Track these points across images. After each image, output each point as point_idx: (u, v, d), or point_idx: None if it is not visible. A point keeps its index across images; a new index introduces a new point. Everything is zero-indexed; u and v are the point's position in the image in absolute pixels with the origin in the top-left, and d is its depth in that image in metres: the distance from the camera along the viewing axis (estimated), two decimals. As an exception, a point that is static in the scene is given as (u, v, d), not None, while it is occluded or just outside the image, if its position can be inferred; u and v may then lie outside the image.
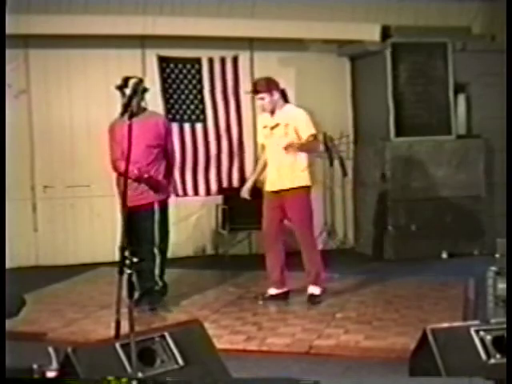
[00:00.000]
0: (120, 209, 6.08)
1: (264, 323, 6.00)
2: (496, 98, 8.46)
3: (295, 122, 6.49)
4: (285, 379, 4.45)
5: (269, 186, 6.67)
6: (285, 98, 6.63)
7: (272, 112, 6.56)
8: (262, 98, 6.51)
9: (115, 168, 6.34)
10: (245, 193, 6.91)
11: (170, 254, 9.17)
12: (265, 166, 6.79)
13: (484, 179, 9.09)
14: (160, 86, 9.00)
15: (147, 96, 6.30)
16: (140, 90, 5.82)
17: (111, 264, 5.75)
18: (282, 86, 9.35)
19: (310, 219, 6.67)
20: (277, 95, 6.52)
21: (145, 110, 6.30)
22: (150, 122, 6.26)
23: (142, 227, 6.22)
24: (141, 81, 5.51)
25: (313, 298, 6.61)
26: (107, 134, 6.47)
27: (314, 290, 6.64)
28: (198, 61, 9.22)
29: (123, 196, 4.48)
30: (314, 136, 6.56)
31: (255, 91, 6.58)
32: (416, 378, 4.02)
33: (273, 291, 6.71)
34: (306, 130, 6.48)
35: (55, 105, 8.83)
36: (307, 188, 6.60)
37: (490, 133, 8.99)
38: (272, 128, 6.58)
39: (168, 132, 6.52)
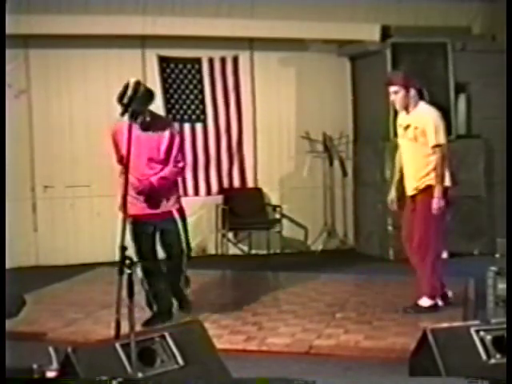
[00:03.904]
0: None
1: (264, 323, 6.00)
2: (496, 98, 8.45)
3: (424, 125, 6.00)
4: (285, 379, 4.45)
5: (406, 190, 6.24)
6: (421, 96, 6.12)
7: (407, 110, 6.10)
8: (396, 92, 6.05)
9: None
10: (391, 203, 6.39)
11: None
12: (401, 167, 6.30)
13: (484, 179, 9.10)
14: (160, 86, 9.00)
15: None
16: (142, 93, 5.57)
17: (111, 264, 5.76)
18: (282, 86, 9.53)
19: (431, 227, 6.07)
20: (413, 92, 6.04)
21: (155, 119, 5.89)
22: (155, 136, 5.85)
23: (165, 238, 6.00)
24: (142, 85, 5.43)
25: (415, 307, 6.19)
26: (109, 135, 6.22)
27: (421, 301, 6.18)
28: (198, 61, 9.23)
29: (123, 199, 4.37)
30: (437, 146, 5.96)
31: (389, 83, 6.14)
32: (416, 378, 4.02)
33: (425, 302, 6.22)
34: (431, 139, 5.97)
35: (55, 105, 8.83)
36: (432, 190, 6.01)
37: (489, 133, 8.99)
38: (405, 128, 6.15)
39: (173, 143, 5.95)
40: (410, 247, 6.27)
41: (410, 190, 6.19)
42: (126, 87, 5.43)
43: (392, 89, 6.11)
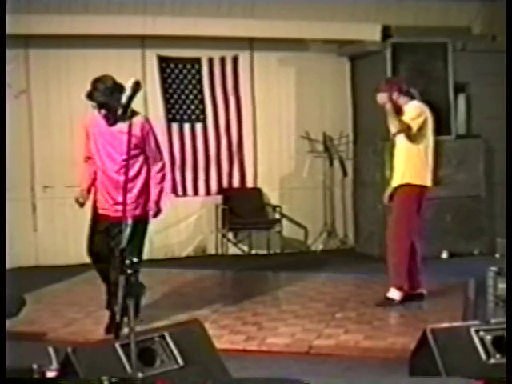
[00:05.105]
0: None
1: (264, 323, 6.00)
2: (496, 98, 8.46)
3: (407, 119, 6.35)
4: (285, 379, 4.45)
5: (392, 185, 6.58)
6: (411, 96, 6.45)
7: (401, 112, 6.41)
8: (382, 98, 6.43)
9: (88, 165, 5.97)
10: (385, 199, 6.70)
11: (170, 254, 9.26)
12: None
13: (484, 179, 9.10)
14: (160, 86, 9.01)
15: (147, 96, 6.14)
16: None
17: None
18: (282, 86, 9.52)
19: (402, 221, 6.47)
20: (396, 95, 6.38)
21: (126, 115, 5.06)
22: (122, 130, 5.45)
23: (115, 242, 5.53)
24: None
25: (389, 301, 6.45)
26: (83, 127, 5.97)
27: (391, 293, 6.46)
28: (198, 61, 9.23)
29: (124, 201, 4.27)
30: (405, 125, 6.30)
31: (377, 90, 6.50)
32: (416, 378, 4.02)
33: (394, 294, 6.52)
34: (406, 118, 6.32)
35: (55, 105, 8.83)
36: (410, 187, 6.38)
37: (489, 133, 8.99)
38: None
39: (143, 139, 5.69)
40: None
41: (394, 184, 6.50)
42: (95, 83, 5.74)
43: (381, 96, 6.45)
